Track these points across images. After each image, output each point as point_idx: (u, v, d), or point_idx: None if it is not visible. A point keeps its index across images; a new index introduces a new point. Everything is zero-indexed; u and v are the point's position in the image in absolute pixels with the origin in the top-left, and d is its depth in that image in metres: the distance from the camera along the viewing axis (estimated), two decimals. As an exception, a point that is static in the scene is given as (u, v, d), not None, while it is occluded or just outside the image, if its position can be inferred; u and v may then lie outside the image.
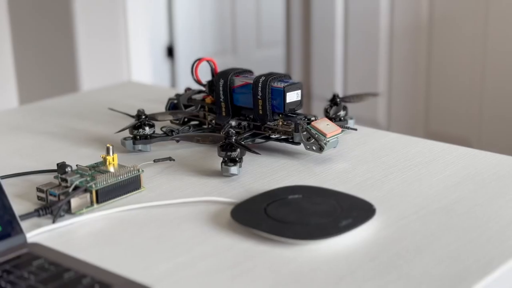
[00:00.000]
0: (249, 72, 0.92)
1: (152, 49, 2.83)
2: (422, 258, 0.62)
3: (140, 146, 0.90)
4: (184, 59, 3.46)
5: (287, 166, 0.85)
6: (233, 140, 0.81)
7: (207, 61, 0.93)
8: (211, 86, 0.92)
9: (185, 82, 3.43)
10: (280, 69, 3.72)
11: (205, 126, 0.95)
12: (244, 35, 3.71)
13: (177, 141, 0.91)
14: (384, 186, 0.79)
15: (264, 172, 0.83)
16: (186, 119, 0.97)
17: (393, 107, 2.75)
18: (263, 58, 3.77)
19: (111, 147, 0.79)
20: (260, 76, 0.88)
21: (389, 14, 2.74)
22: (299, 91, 0.88)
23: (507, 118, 2.53)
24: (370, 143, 0.92)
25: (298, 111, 0.89)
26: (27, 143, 0.95)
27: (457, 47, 2.60)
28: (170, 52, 3.45)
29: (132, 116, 0.92)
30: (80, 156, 0.90)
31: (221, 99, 0.91)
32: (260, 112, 0.88)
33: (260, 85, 0.87)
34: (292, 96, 0.87)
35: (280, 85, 0.87)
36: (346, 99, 0.98)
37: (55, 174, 0.83)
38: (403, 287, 0.58)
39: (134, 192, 0.78)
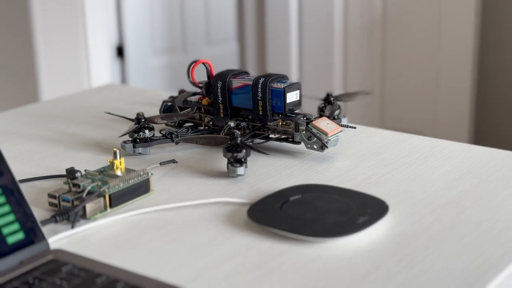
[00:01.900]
0: (246, 73, 0.93)
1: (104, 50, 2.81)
2: (441, 253, 0.65)
3: (140, 149, 0.90)
4: (134, 58, 3.44)
5: (289, 166, 0.86)
6: (239, 141, 0.82)
7: (203, 63, 0.94)
8: (208, 88, 0.93)
9: (135, 81, 3.42)
10: (233, 65, 3.74)
11: (201, 128, 0.95)
12: (194, 32, 3.71)
13: (177, 143, 0.91)
14: (388, 183, 0.81)
15: (269, 172, 0.85)
16: (180, 121, 0.98)
17: (349, 104, 2.79)
18: (213, 55, 3.78)
19: (118, 151, 0.79)
20: (259, 77, 0.89)
21: (343, 11, 2.78)
22: (298, 91, 0.89)
23: (461, 112, 2.59)
24: (365, 141, 0.94)
25: (297, 111, 0.90)
26: (23, 149, 0.94)
27: (410, 44, 2.66)
28: (120, 51, 3.43)
29: (131, 120, 0.92)
30: (80, 161, 0.90)
31: (219, 101, 0.92)
32: (260, 112, 0.89)
33: (260, 86, 0.88)
34: (292, 96, 0.88)
35: (280, 85, 0.88)
36: (338, 97, 0.99)
37: (60, 179, 0.84)
38: (429, 281, 0.60)
39: (144, 196, 0.78)
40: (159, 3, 3.52)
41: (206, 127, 0.95)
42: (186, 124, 0.97)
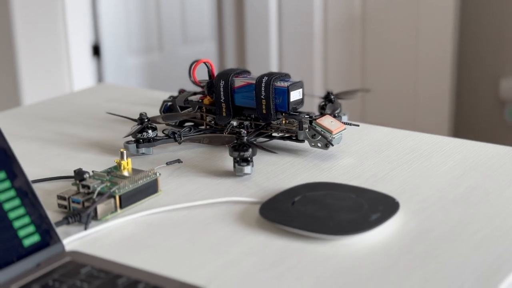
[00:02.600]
0: (247, 72, 0.93)
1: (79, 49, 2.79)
2: (455, 248, 0.65)
3: (143, 150, 0.90)
4: (110, 57, 3.42)
5: (294, 164, 0.86)
6: (245, 140, 0.82)
7: (204, 62, 0.94)
8: (210, 87, 0.93)
9: (112, 81, 3.40)
10: (215, 65, 3.73)
11: (202, 127, 0.95)
12: (170, 32, 3.70)
13: (179, 143, 0.91)
14: (395, 180, 0.81)
15: (274, 170, 0.85)
16: (181, 121, 0.98)
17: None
18: (190, 54, 3.77)
19: (125, 151, 0.79)
20: (262, 76, 0.89)
21: (323, 9, 2.79)
22: (301, 90, 0.90)
23: (441, 106, 2.61)
24: (366, 138, 0.95)
25: (299, 109, 0.91)
26: (25, 150, 0.94)
27: (390, 41, 2.67)
28: (96, 51, 3.40)
29: (134, 120, 0.92)
30: (83, 162, 0.89)
31: (221, 100, 0.92)
32: (264, 111, 0.89)
33: (263, 85, 0.88)
34: (295, 95, 0.89)
35: (284, 84, 0.88)
36: (338, 95, 1.00)
37: (65, 180, 0.83)
38: (448, 276, 0.60)
39: (153, 196, 0.78)
40: (135, 2, 3.50)
41: (208, 127, 0.95)
42: (187, 124, 0.97)
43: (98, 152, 0.92)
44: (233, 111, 0.92)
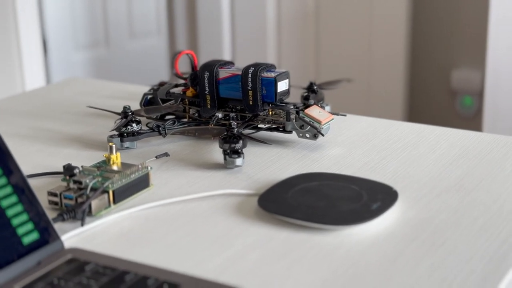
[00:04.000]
0: (231, 63, 0.92)
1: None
2: (459, 235, 0.65)
3: (127, 144, 0.88)
4: (56, 52, 3.36)
5: (283, 155, 0.86)
6: (236, 131, 0.81)
7: (187, 54, 0.93)
8: (194, 79, 0.91)
9: (59, 77, 3.34)
10: (160, 59, 3.70)
11: (185, 120, 0.94)
12: (116, 27, 3.65)
13: (164, 136, 0.89)
14: (387, 169, 0.81)
15: (264, 162, 0.84)
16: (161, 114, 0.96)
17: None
18: (137, 48, 3.73)
19: (114, 145, 0.77)
20: (248, 67, 0.88)
21: (276, 1, 2.78)
22: (287, 80, 0.89)
23: (395, 100, 2.64)
24: (351, 128, 0.95)
25: (286, 100, 0.90)
26: (2, 147, 0.91)
27: (343, 34, 2.69)
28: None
29: (117, 113, 0.89)
30: (65, 157, 0.87)
31: (206, 92, 0.90)
32: (251, 102, 0.88)
33: (249, 75, 0.87)
34: (282, 85, 0.88)
35: (271, 75, 0.87)
36: (320, 86, 0.99)
37: (50, 177, 0.81)
38: (456, 262, 0.60)
39: (145, 190, 0.77)
40: (80, -4, 3.44)
41: (190, 119, 0.93)
42: (169, 117, 0.95)
43: (80, 147, 0.90)
44: (218, 103, 0.91)
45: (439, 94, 2.67)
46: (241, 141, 0.80)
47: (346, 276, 0.59)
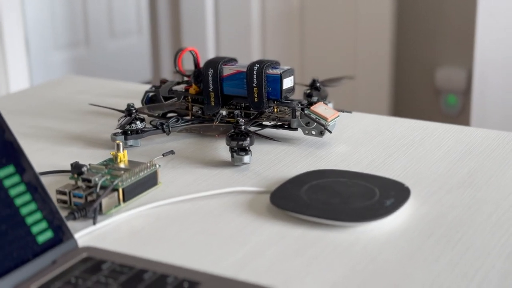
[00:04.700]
0: (234, 60, 0.91)
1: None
2: (475, 230, 0.65)
3: (131, 142, 0.87)
4: (36, 52, 3.33)
5: (289, 153, 0.85)
6: (243, 128, 0.80)
7: (190, 51, 0.92)
8: (197, 76, 0.91)
9: (39, 76, 3.31)
10: (142, 58, 3.68)
11: (187, 118, 0.93)
12: (96, 26, 3.63)
13: (168, 133, 0.89)
14: (394, 166, 0.81)
15: (271, 159, 0.83)
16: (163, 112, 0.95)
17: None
18: (117, 48, 3.71)
19: (121, 143, 0.76)
20: (253, 64, 0.87)
21: (260, 0, 2.78)
22: (292, 77, 0.88)
23: (380, 98, 2.65)
24: (354, 126, 0.94)
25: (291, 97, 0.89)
26: (3, 145, 0.89)
27: (329, 33, 2.69)
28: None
29: (121, 111, 0.88)
30: (69, 156, 0.86)
31: (210, 89, 0.89)
32: (256, 99, 0.87)
33: (255, 72, 0.87)
34: (288, 82, 0.87)
35: (276, 71, 0.87)
36: (323, 83, 0.99)
37: (56, 175, 0.80)
38: (475, 257, 0.60)
39: (153, 188, 0.76)
40: (61, -4, 3.41)
41: (193, 117, 0.93)
42: (171, 115, 0.94)
43: (82, 146, 0.89)
44: (222, 100, 0.90)
45: (424, 92, 2.68)
46: (248, 138, 0.80)
47: (366, 272, 0.59)
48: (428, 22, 2.59)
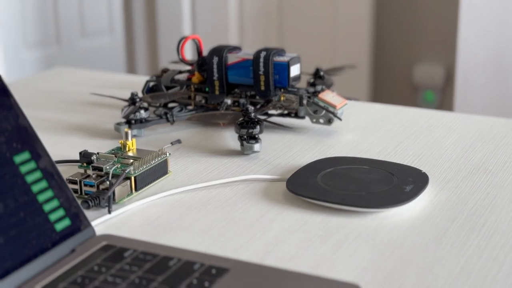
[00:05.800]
0: (238, 48, 0.90)
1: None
2: (498, 216, 0.64)
3: (135, 131, 0.85)
4: (4, 49, 3.27)
5: (298, 141, 0.84)
6: (253, 116, 0.79)
7: (193, 39, 0.90)
8: (202, 64, 0.89)
9: (8, 75, 3.26)
10: (115, 57, 3.64)
11: (190, 107, 0.91)
12: (68, 25, 3.58)
13: (172, 123, 0.87)
14: (406, 153, 0.80)
15: (280, 148, 0.82)
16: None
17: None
18: (88, 47, 3.66)
19: (129, 132, 0.74)
20: (259, 51, 0.86)
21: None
22: (299, 65, 0.87)
23: (359, 94, 2.65)
24: (360, 114, 0.93)
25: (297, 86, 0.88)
26: (2, 136, 0.87)
27: (307, 29, 2.68)
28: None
29: (125, 100, 0.86)
30: (72, 146, 0.83)
31: (214, 78, 0.88)
32: (262, 88, 0.86)
33: (261, 60, 0.85)
34: (295, 70, 0.86)
35: (283, 59, 0.85)
36: (327, 72, 0.98)
37: (61, 165, 0.78)
38: (503, 242, 0.59)
39: (164, 177, 0.74)
40: (31, -6, 3.36)
41: (196, 106, 0.91)
42: (172, 104, 0.92)
43: (84, 136, 0.87)
44: (227, 89, 0.88)
45: (402, 89, 2.69)
46: (258, 126, 0.78)
47: (394, 257, 0.57)
48: (406, 19, 2.59)
